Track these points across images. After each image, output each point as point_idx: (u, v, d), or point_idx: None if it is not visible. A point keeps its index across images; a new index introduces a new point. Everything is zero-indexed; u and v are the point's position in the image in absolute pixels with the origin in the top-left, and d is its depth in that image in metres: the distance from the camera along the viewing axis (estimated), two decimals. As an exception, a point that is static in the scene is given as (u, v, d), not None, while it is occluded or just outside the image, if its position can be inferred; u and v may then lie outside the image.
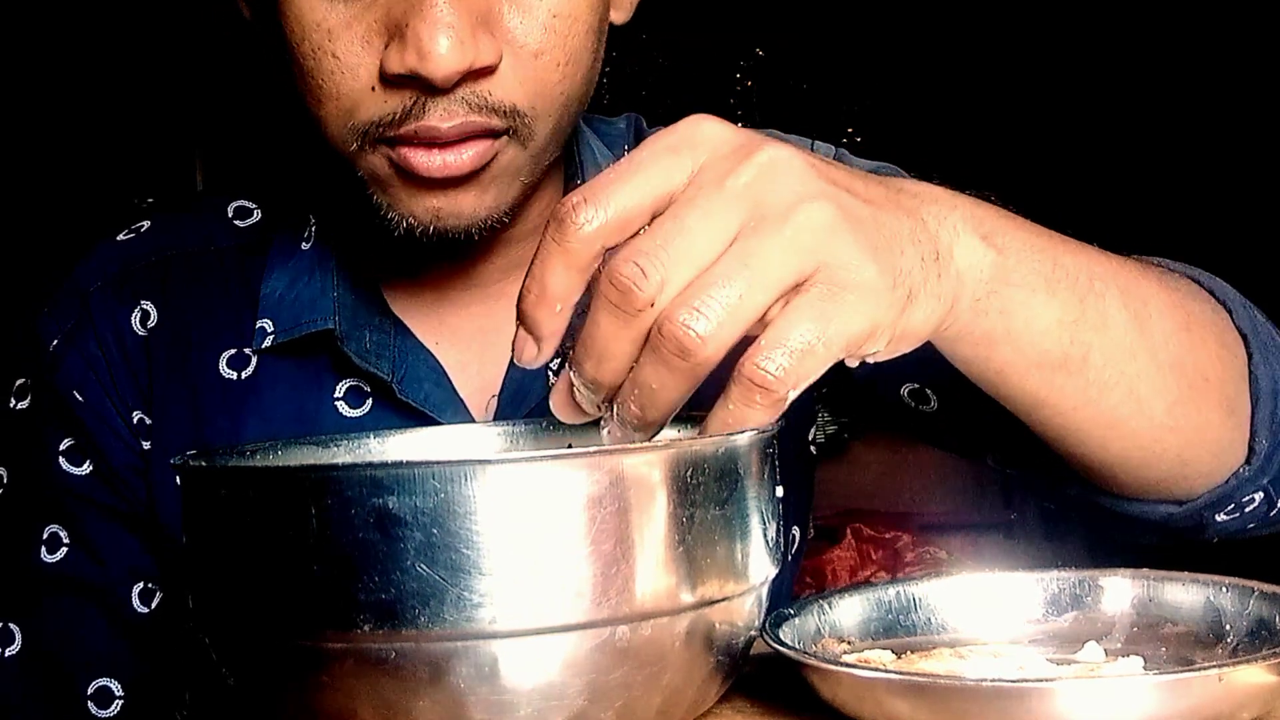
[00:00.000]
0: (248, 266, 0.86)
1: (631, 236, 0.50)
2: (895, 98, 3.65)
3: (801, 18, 3.61)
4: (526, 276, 0.51)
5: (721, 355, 0.48)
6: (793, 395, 0.49)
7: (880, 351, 0.52)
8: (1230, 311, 0.71)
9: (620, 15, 0.79)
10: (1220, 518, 0.73)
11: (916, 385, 0.83)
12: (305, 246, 0.85)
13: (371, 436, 0.66)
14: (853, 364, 0.53)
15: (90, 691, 0.84)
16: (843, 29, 3.63)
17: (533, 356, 0.52)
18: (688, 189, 0.50)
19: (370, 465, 0.46)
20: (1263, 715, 0.49)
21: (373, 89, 0.68)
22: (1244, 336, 0.71)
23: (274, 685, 0.49)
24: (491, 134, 0.69)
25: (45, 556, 0.84)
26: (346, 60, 0.68)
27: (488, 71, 0.68)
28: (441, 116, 0.68)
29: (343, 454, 0.64)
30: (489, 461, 0.46)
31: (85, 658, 0.84)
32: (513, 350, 0.52)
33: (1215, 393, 0.67)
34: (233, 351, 0.84)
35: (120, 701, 0.84)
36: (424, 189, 0.71)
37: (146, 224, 0.90)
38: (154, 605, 0.85)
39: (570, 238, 0.49)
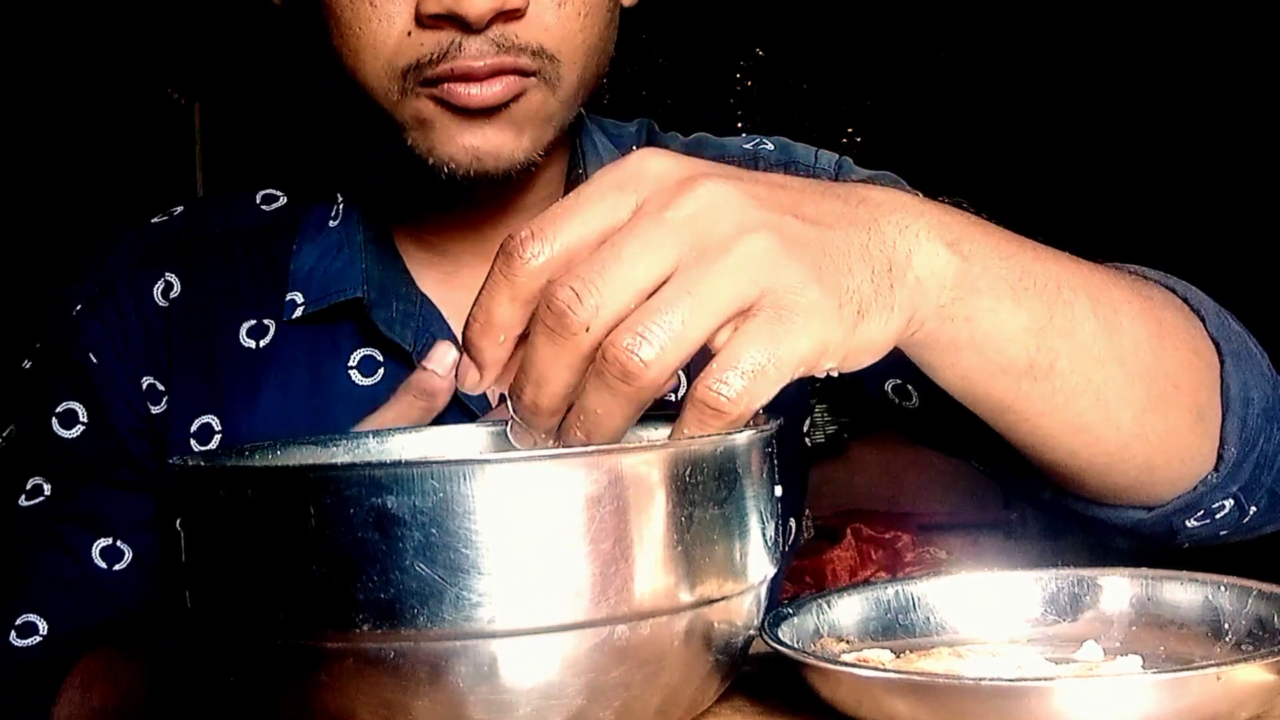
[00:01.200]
0: (274, 244, 0.91)
1: None
2: (895, 98, 3.65)
3: (802, 17, 3.61)
4: (474, 305, 0.52)
5: (664, 380, 0.49)
6: (746, 417, 0.50)
7: (837, 366, 0.53)
8: (1203, 319, 0.71)
9: None
10: (1190, 524, 0.73)
11: (899, 381, 0.84)
12: (333, 224, 0.90)
13: (371, 436, 0.66)
14: (820, 375, 0.53)
15: (17, 622, 0.88)
16: (843, 29, 3.63)
17: (475, 383, 0.54)
18: (629, 221, 0.51)
19: (369, 465, 0.46)
20: (1261, 714, 0.50)
21: (409, 34, 0.74)
22: (1217, 344, 0.70)
23: (273, 685, 0.49)
24: (521, 73, 0.75)
25: (23, 501, 0.90)
26: (383, 7, 0.74)
27: (516, 15, 0.74)
28: (475, 55, 0.73)
29: (342, 454, 0.64)
30: (488, 461, 0.46)
31: (25, 590, 0.89)
32: (455, 375, 0.55)
33: (1185, 400, 0.67)
34: (253, 322, 0.89)
35: (39, 639, 0.88)
36: (465, 126, 0.76)
37: (179, 209, 0.96)
38: (118, 566, 0.89)
39: (517, 271, 0.51)
